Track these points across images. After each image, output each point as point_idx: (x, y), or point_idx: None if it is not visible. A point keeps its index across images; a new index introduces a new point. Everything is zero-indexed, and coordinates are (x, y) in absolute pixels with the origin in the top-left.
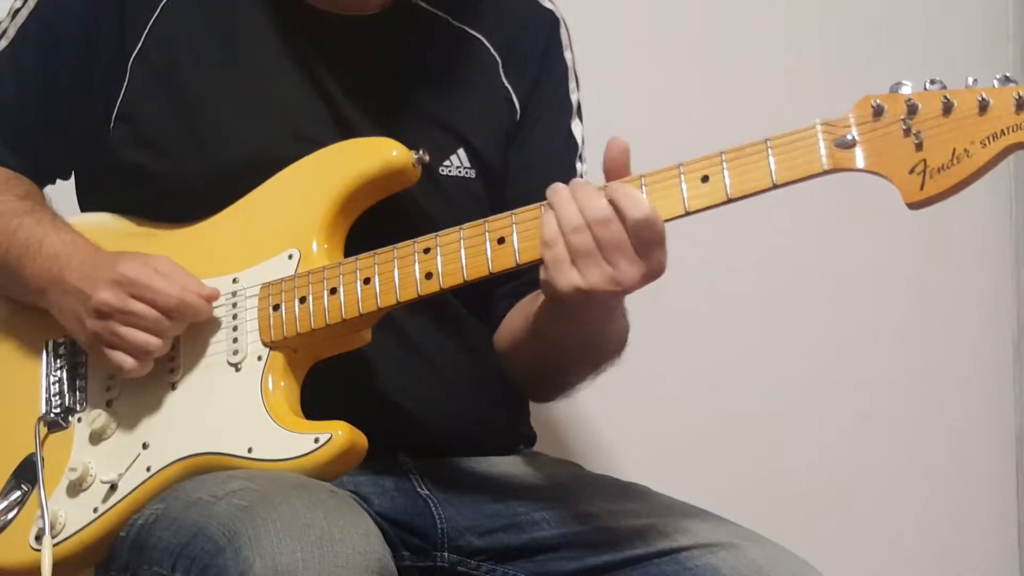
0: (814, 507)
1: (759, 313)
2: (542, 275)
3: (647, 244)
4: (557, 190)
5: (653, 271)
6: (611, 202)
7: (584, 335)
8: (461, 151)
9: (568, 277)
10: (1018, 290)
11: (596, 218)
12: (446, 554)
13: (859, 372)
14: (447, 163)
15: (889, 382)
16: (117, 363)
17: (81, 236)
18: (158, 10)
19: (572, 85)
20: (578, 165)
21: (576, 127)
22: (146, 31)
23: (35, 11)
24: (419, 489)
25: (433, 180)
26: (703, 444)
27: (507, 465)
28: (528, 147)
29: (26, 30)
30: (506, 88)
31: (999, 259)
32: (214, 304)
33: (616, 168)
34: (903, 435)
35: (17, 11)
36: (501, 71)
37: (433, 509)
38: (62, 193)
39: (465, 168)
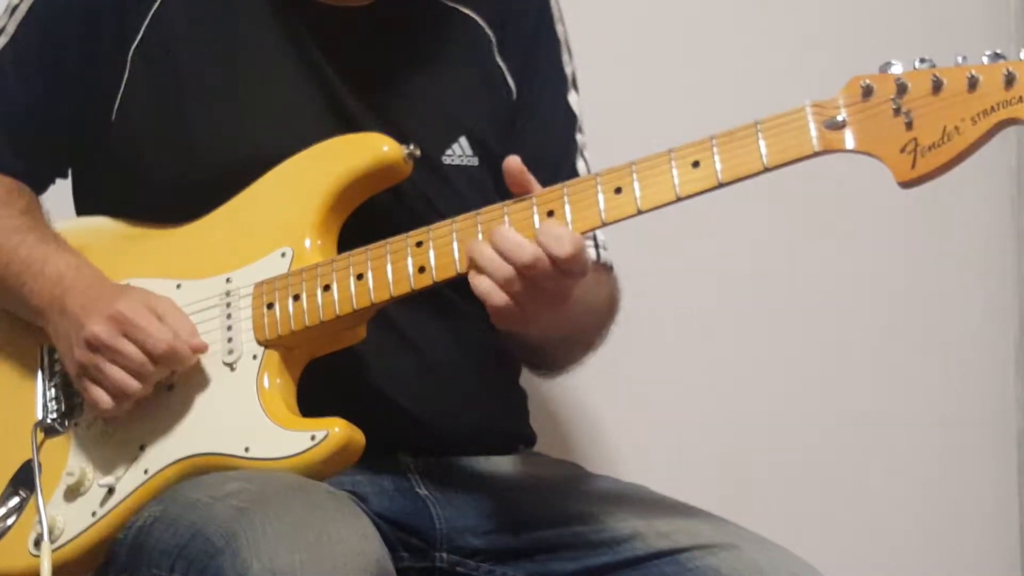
0: (814, 507)
1: (759, 313)
2: (491, 315)
3: (575, 265)
4: (476, 247)
5: (581, 276)
6: (538, 243)
7: (557, 331)
8: (463, 139)
9: (515, 319)
10: (1019, 289)
11: (523, 263)
12: (445, 554)
13: (860, 372)
14: (449, 152)
15: (889, 381)
16: (95, 399)
17: (86, 260)
18: (157, 3)
19: (565, 57)
20: (578, 137)
21: (573, 99)
22: (146, 22)
23: (36, 5)
24: (418, 489)
25: (436, 170)
26: (703, 444)
27: (507, 465)
28: (528, 127)
29: (27, 26)
30: (501, 68)
31: (1000, 258)
32: (208, 304)
33: (520, 186)
34: (904, 434)
35: (16, 7)
36: (496, 49)
37: (432, 509)
38: (59, 195)
39: (468, 156)
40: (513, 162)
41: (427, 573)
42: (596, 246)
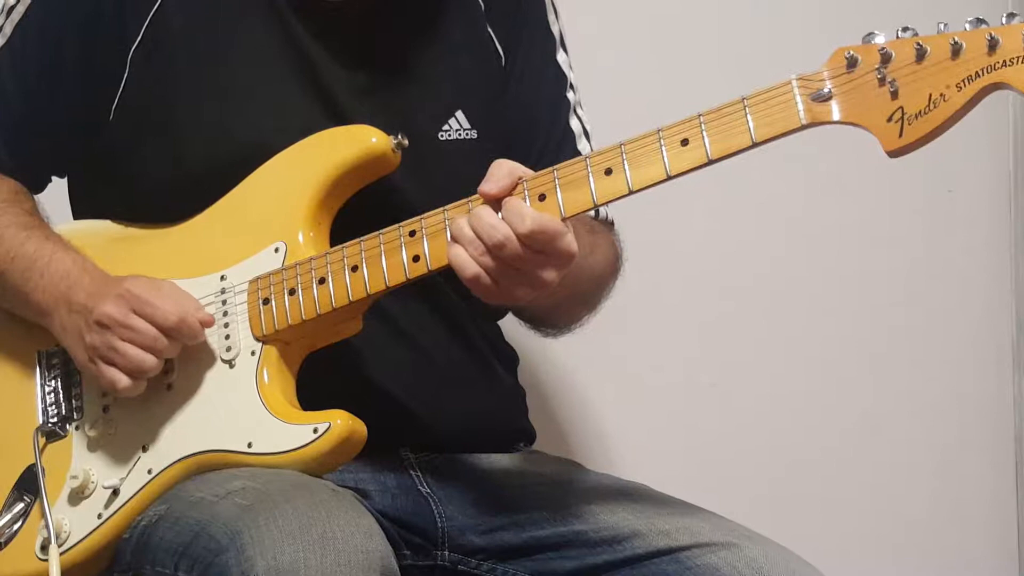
0: (814, 506)
1: (759, 313)
2: (468, 287)
3: (546, 244)
4: (456, 223)
5: (565, 262)
6: (504, 220)
7: (549, 302)
8: (460, 113)
9: (497, 299)
10: (1017, 289)
11: (493, 242)
12: (447, 553)
13: (859, 372)
14: (446, 127)
15: (888, 381)
16: (111, 380)
17: (89, 259)
18: (156, 5)
19: (552, 17)
20: (570, 95)
21: (561, 58)
22: (146, 23)
23: (32, 7)
24: (420, 487)
25: (434, 147)
26: (703, 443)
27: (508, 463)
28: (519, 91)
29: (24, 28)
30: (491, 36)
31: (998, 260)
32: (204, 302)
33: (507, 188)
34: (902, 435)
35: (11, 8)
36: (485, 18)
37: (434, 508)
38: (56, 199)
39: (465, 130)
40: (488, 181)
41: (429, 571)
42: None
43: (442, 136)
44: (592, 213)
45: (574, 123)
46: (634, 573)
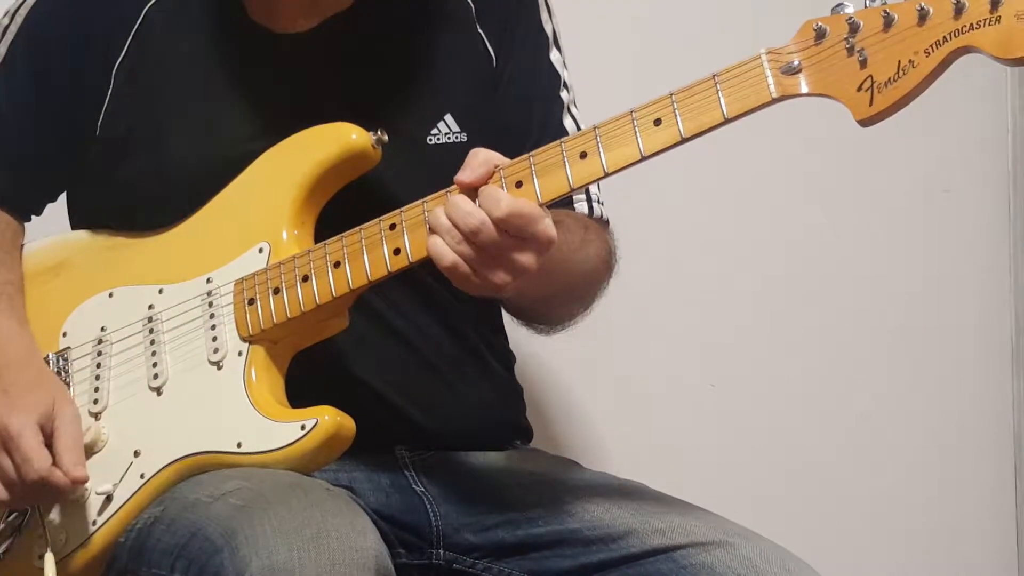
0: (812, 506)
1: (758, 312)
2: (449, 279)
3: (523, 229)
4: (433, 213)
5: (544, 247)
6: (479, 206)
7: (536, 292)
8: (448, 116)
9: (476, 288)
10: (1016, 289)
11: (469, 228)
12: (442, 551)
13: (858, 371)
14: (435, 131)
15: (887, 381)
16: None
17: (18, 329)
18: (139, 20)
19: (544, 16)
20: (563, 94)
21: (555, 57)
22: (129, 39)
23: (23, 29)
24: (415, 486)
25: (422, 151)
26: (701, 443)
27: (503, 461)
28: (510, 91)
29: (16, 49)
30: (481, 37)
31: (997, 258)
32: (190, 306)
33: (483, 177)
34: (901, 434)
35: (5, 28)
36: (475, 19)
37: (428, 506)
38: (53, 210)
39: (455, 133)
40: (467, 167)
41: (424, 570)
42: (589, 199)
43: (431, 140)
44: (587, 211)
45: (568, 122)
46: (629, 572)
